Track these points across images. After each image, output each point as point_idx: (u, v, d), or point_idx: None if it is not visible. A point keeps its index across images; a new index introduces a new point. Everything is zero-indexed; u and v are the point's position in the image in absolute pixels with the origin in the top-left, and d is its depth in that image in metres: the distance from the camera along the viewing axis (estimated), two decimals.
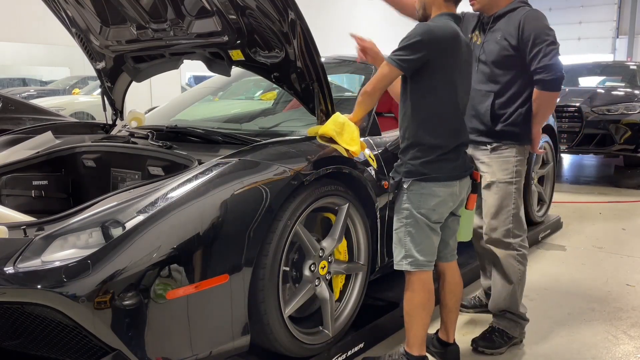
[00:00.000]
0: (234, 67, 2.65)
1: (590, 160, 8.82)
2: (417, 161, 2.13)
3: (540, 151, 2.68)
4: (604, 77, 9.00)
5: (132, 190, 2.05)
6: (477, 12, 2.60)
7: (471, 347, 2.59)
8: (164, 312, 1.77)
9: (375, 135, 2.75)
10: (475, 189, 2.30)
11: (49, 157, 2.83)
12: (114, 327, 1.70)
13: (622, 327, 2.85)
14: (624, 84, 8.03)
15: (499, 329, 2.62)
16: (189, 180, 1.96)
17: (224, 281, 1.86)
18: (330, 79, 2.45)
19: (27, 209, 2.56)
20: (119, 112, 3.33)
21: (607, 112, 6.51)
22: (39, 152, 2.83)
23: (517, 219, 2.58)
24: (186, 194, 1.88)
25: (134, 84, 3.21)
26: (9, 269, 1.72)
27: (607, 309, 3.06)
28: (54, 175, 2.84)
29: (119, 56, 3.00)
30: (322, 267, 2.29)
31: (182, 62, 2.94)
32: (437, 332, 2.45)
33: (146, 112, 3.64)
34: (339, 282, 2.45)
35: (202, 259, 1.83)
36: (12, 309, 1.80)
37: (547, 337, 2.73)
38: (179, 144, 2.65)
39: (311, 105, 2.45)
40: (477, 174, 2.32)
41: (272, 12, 2.20)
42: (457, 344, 2.43)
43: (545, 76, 2.37)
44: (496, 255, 2.61)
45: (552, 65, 2.35)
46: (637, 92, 6.99)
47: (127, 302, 1.69)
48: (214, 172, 2.00)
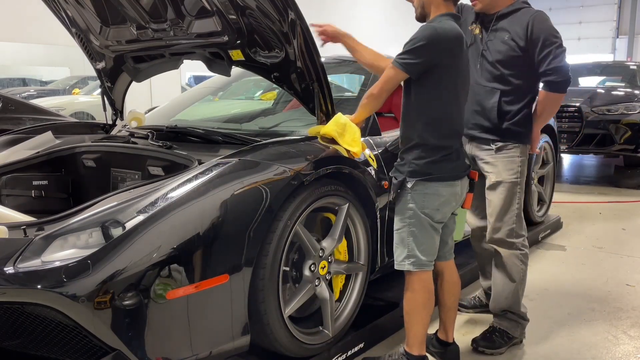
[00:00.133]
0: (234, 67, 2.64)
1: (590, 160, 8.82)
2: (422, 161, 2.13)
3: (537, 151, 2.70)
4: (604, 77, 9.00)
5: (132, 190, 2.05)
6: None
7: (471, 347, 2.59)
8: (164, 312, 1.77)
9: (375, 135, 2.75)
10: (472, 188, 2.30)
11: (49, 157, 2.83)
12: (114, 327, 1.70)
13: (622, 327, 2.85)
14: (624, 84, 8.03)
15: (499, 329, 2.62)
16: (189, 180, 1.96)
17: (224, 281, 1.86)
18: (330, 79, 2.44)
19: (27, 209, 2.56)
20: (119, 112, 3.33)
21: (607, 112, 6.51)
22: (39, 152, 2.83)
23: (519, 219, 2.58)
24: (186, 194, 1.88)
25: (134, 84, 3.21)
26: (9, 269, 1.72)
27: (607, 309, 3.07)
28: (54, 175, 2.84)
29: (119, 56, 3.00)
30: (322, 267, 2.29)
31: (182, 62, 2.94)
32: (436, 332, 2.45)
33: (146, 112, 3.63)
34: (339, 282, 2.45)
35: (202, 259, 1.83)
36: (12, 309, 1.80)
37: (547, 337, 2.73)
38: (179, 144, 2.65)
39: (311, 105, 2.44)
40: (475, 173, 2.32)
41: (272, 12, 2.20)
42: (457, 343, 2.44)
43: (554, 78, 2.40)
44: (499, 254, 2.61)
45: (561, 67, 2.38)
46: (637, 92, 6.99)
47: (127, 302, 1.69)
48: (214, 172, 2.00)
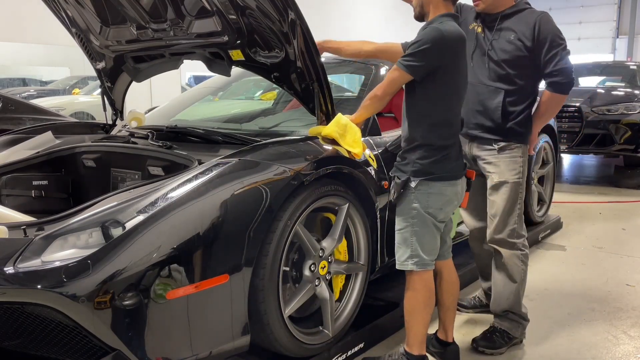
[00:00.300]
0: (234, 67, 2.64)
1: (590, 160, 8.82)
2: (426, 160, 2.12)
3: (532, 152, 2.72)
4: (604, 77, 9.00)
5: (132, 190, 2.05)
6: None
7: (471, 346, 2.59)
8: (164, 312, 1.77)
9: (375, 135, 2.75)
10: (469, 187, 2.31)
11: (49, 157, 2.83)
12: (114, 327, 1.70)
13: (622, 327, 2.85)
14: (624, 84, 8.04)
15: (500, 329, 2.62)
16: (189, 180, 1.96)
17: (224, 281, 1.86)
18: (330, 79, 2.44)
19: (27, 209, 2.56)
20: (119, 112, 3.32)
21: (607, 112, 6.51)
22: (39, 152, 2.83)
23: (520, 219, 2.59)
24: (186, 194, 1.88)
25: (134, 84, 3.21)
26: (9, 269, 1.72)
27: (607, 309, 3.07)
28: (54, 175, 2.84)
29: (119, 56, 3.00)
30: (322, 267, 2.29)
31: (182, 62, 2.93)
32: (435, 332, 2.45)
33: (146, 112, 3.63)
34: (339, 282, 2.45)
35: (202, 259, 1.83)
36: (12, 309, 1.80)
37: (547, 337, 2.73)
38: (179, 144, 2.65)
39: (311, 105, 2.44)
40: (473, 172, 2.33)
41: (272, 12, 2.20)
42: (457, 343, 2.44)
43: (560, 79, 2.42)
44: (500, 255, 2.61)
45: (567, 69, 2.41)
46: (637, 92, 6.99)
47: (127, 302, 1.69)
48: (214, 172, 1.99)
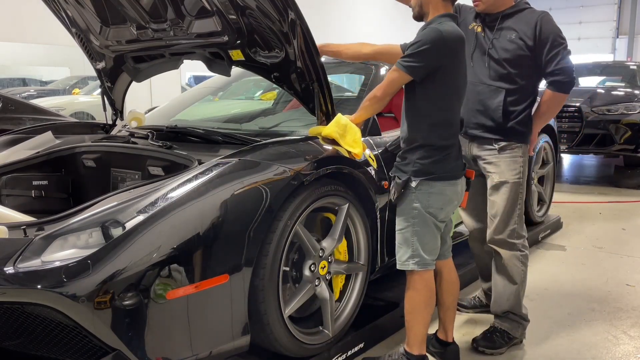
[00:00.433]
0: (234, 67, 2.64)
1: (590, 160, 8.82)
2: (427, 160, 2.12)
3: (532, 153, 2.72)
4: (604, 77, 9.01)
5: (132, 190, 2.05)
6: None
7: (471, 346, 2.59)
8: (164, 312, 1.77)
9: (375, 135, 2.75)
10: (468, 187, 2.31)
11: (49, 157, 2.83)
12: (114, 327, 1.70)
13: (622, 327, 2.85)
14: (624, 84, 8.04)
15: (500, 329, 2.62)
16: (189, 180, 1.96)
17: (224, 281, 1.86)
18: (330, 79, 2.44)
19: (27, 209, 2.56)
20: (119, 112, 3.32)
21: (607, 112, 6.51)
22: (39, 152, 2.83)
23: (521, 220, 2.59)
24: (186, 194, 1.88)
25: (134, 84, 3.21)
26: (9, 269, 1.72)
27: (607, 309, 3.07)
28: (54, 175, 2.84)
29: (119, 56, 3.00)
30: (322, 267, 2.29)
31: (182, 62, 2.93)
32: (435, 332, 2.45)
33: (146, 112, 3.63)
34: (339, 282, 2.45)
35: (202, 259, 1.83)
36: (12, 309, 1.80)
37: (547, 337, 2.73)
38: (179, 144, 2.65)
39: (311, 105, 2.44)
40: (472, 172, 2.33)
41: (272, 12, 2.20)
42: (457, 343, 2.44)
43: (562, 78, 2.42)
44: (499, 256, 2.61)
45: (568, 68, 2.42)
46: (637, 92, 6.99)
47: (127, 302, 1.69)
48: (214, 172, 1.99)
